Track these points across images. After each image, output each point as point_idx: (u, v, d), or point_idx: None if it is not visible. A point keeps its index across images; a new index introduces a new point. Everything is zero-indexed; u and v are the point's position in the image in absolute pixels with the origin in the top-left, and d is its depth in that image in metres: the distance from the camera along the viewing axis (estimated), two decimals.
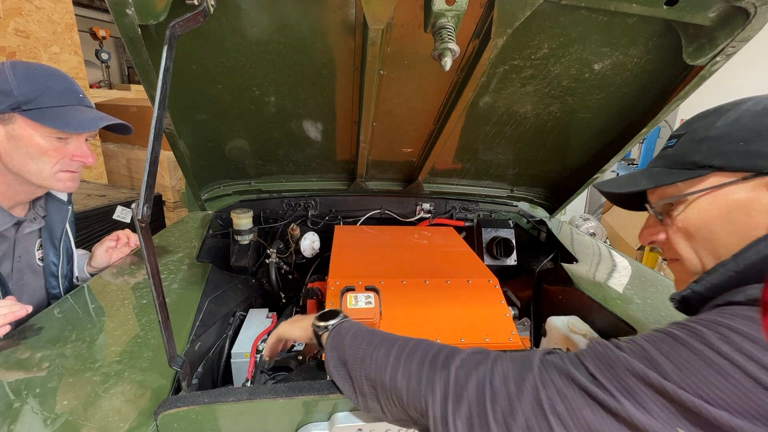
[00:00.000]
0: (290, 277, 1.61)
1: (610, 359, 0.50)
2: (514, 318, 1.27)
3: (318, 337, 0.78)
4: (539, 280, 1.51)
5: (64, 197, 1.24)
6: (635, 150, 4.72)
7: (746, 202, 0.58)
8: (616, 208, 4.21)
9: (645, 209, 0.75)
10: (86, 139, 1.11)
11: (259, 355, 1.02)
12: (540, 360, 0.55)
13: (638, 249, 3.79)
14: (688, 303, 0.64)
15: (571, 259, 1.47)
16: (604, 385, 0.48)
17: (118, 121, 1.11)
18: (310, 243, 1.55)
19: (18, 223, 1.11)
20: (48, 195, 1.20)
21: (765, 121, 0.58)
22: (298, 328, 0.85)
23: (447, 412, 0.55)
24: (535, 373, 0.53)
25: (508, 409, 0.51)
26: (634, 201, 0.77)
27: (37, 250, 1.18)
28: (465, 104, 1.21)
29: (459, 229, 1.76)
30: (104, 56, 6.00)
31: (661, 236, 0.70)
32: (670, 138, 0.70)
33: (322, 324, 0.77)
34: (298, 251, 1.57)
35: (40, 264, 1.19)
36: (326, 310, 0.81)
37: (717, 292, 0.58)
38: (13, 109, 0.96)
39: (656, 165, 0.70)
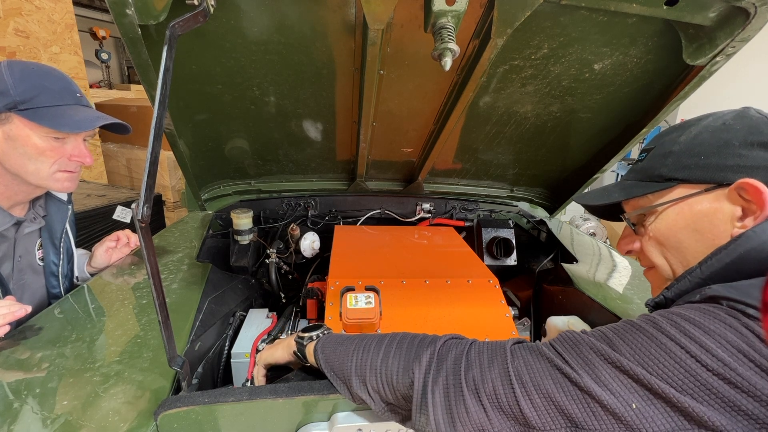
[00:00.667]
0: (290, 277, 1.61)
1: (575, 340, 0.55)
2: (514, 318, 1.27)
3: (302, 348, 0.80)
4: (539, 280, 1.50)
5: (64, 197, 1.23)
6: (635, 150, 4.72)
7: (710, 212, 0.62)
8: None
9: (621, 219, 0.79)
10: (84, 139, 1.10)
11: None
12: (514, 341, 0.62)
13: None
14: (660, 307, 0.67)
15: (571, 259, 1.47)
16: (567, 360, 0.52)
17: (116, 120, 1.10)
18: (310, 243, 1.55)
19: (18, 223, 1.11)
20: (48, 195, 1.20)
21: (723, 136, 0.62)
22: (279, 350, 0.86)
23: (427, 382, 0.60)
24: (507, 349, 0.58)
25: (479, 377, 0.56)
26: (611, 211, 0.81)
27: (38, 250, 1.18)
28: (465, 104, 1.21)
29: (459, 229, 1.76)
30: (104, 56, 6.00)
31: (636, 245, 0.75)
32: (642, 152, 0.74)
33: (307, 335, 0.80)
34: (298, 251, 1.57)
35: (41, 264, 1.19)
36: (307, 325, 0.85)
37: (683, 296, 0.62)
38: (10, 109, 0.95)
39: (628, 178, 0.75)
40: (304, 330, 0.82)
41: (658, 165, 0.68)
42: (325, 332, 0.81)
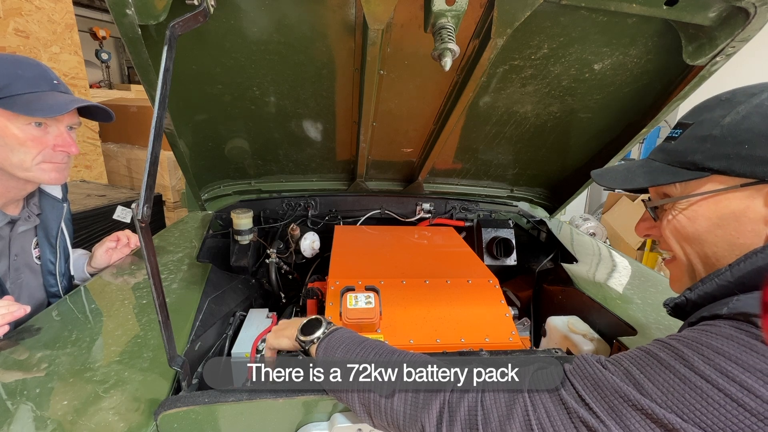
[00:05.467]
0: (290, 277, 1.61)
1: (596, 379, 0.51)
2: (514, 318, 1.27)
3: (305, 351, 0.77)
4: (539, 280, 1.50)
5: (58, 194, 1.23)
6: (635, 150, 4.72)
7: (739, 210, 0.57)
8: (616, 208, 4.22)
9: (644, 192, 0.74)
10: (72, 128, 1.08)
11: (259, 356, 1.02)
12: (531, 374, 0.56)
13: (638, 249, 3.80)
14: (680, 309, 0.64)
15: (571, 259, 1.47)
16: (592, 407, 0.48)
17: (92, 102, 1.08)
18: (310, 243, 1.55)
19: (12, 222, 1.10)
20: (42, 193, 1.19)
21: None
22: (285, 339, 0.82)
23: None
24: (527, 395, 0.54)
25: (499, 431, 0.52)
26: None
27: (34, 249, 1.18)
28: (465, 104, 1.21)
29: (459, 229, 1.76)
30: (104, 56, 6.01)
31: (656, 231, 0.71)
32: (676, 126, 0.66)
33: (306, 339, 0.75)
34: (298, 251, 1.57)
35: (38, 262, 1.19)
36: (307, 320, 0.79)
37: (709, 301, 0.58)
38: None
39: (657, 158, 0.68)
40: (303, 331, 0.78)
41: (692, 149, 0.60)
42: (326, 332, 0.76)
